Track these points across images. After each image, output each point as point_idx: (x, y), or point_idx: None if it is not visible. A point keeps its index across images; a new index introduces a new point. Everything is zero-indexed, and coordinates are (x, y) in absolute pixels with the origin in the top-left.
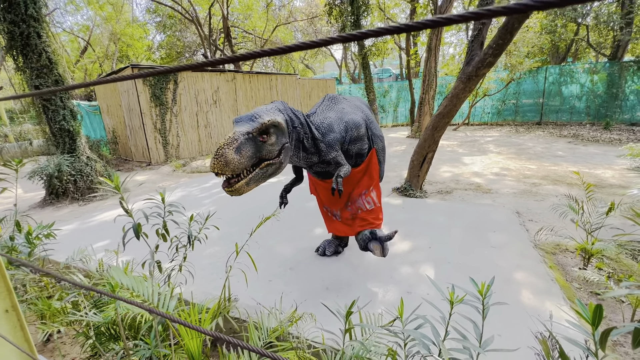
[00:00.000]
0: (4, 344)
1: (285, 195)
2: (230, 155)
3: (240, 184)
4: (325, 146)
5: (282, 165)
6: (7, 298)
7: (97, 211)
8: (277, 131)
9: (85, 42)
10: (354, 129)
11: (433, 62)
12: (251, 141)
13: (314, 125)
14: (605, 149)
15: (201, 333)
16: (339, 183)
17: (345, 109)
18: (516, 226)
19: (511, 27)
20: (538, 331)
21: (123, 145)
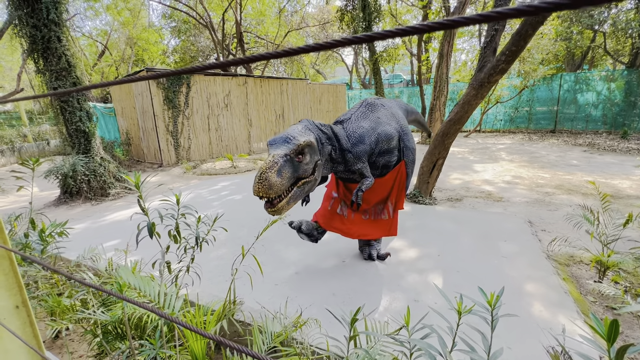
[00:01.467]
0: (13, 340)
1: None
2: (273, 178)
3: (282, 204)
4: (352, 157)
5: (316, 182)
6: (17, 294)
7: (108, 211)
8: (310, 150)
9: (103, 46)
10: (384, 142)
11: (445, 68)
12: (289, 162)
13: (345, 133)
14: (623, 158)
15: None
16: (359, 197)
17: (381, 119)
18: (528, 236)
19: (525, 34)
20: (550, 345)
21: (136, 146)
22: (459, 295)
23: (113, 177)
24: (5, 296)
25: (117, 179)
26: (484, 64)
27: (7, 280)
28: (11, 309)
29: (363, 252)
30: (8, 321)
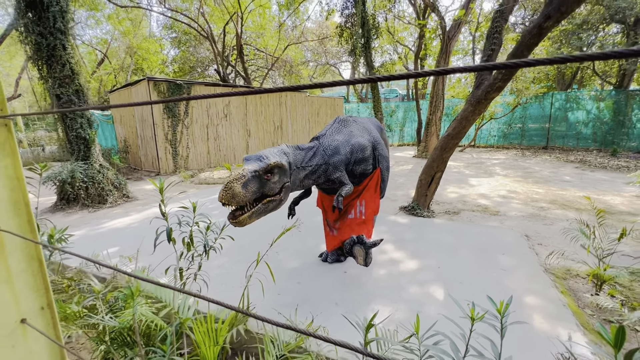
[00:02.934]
0: (37, 341)
1: (294, 207)
2: (237, 189)
3: (243, 217)
4: (331, 167)
5: (281, 202)
6: (44, 295)
7: (106, 218)
8: (280, 172)
9: (102, 54)
10: (359, 152)
11: (441, 84)
12: (257, 178)
13: (322, 147)
14: (613, 175)
15: (217, 343)
16: (340, 201)
17: (354, 132)
18: (525, 249)
19: (520, 55)
20: (558, 352)
21: (133, 154)
22: (471, 303)
23: (111, 185)
24: (32, 297)
25: (115, 187)
26: (481, 82)
27: (35, 281)
28: (37, 310)
29: (356, 257)
30: (33, 322)
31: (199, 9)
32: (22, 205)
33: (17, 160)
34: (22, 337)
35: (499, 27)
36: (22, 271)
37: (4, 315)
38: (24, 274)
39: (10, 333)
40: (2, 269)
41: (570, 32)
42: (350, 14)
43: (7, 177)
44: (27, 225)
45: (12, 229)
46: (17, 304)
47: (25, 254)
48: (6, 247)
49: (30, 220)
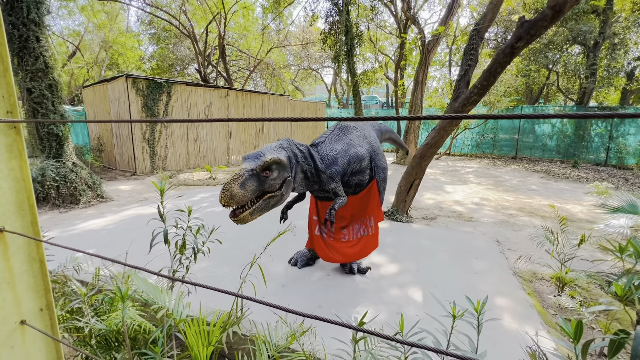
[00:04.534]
0: (35, 343)
1: (286, 211)
2: (235, 189)
3: (244, 214)
4: (326, 177)
5: (283, 197)
6: (44, 297)
7: (79, 219)
8: (279, 167)
9: (74, 47)
10: (356, 163)
11: (419, 93)
12: (255, 177)
13: (319, 156)
14: (574, 185)
15: (210, 344)
16: (332, 215)
17: (353, 141)
18: (496, 253)
19: (494, 71)
20: (527, 346)
21: (107, 153)
22: (452, 302)
23: (85, 184)
24: (32, 298)
25: (89, 186)
26: (459, 95)
27: (35, 282)
28: (36, 311)
29: (344, 266)
30: (33, 324)
31: (181, 7)
32: (27, 206)
33: (24, 163)
34: (21, 338)
35: (475, 44)
36: (23, 272)
37: (4, 317)
38: (25, 275)
39: (10, 334)
40: (5, 270)
41: (538, 51)
42: (334, 22)
43: (13, 179)
44: (30, 227)
45: (16, 230)
46: (17, 305)
47: (27, 255)
48: (9, 248)
49: (34, 222)
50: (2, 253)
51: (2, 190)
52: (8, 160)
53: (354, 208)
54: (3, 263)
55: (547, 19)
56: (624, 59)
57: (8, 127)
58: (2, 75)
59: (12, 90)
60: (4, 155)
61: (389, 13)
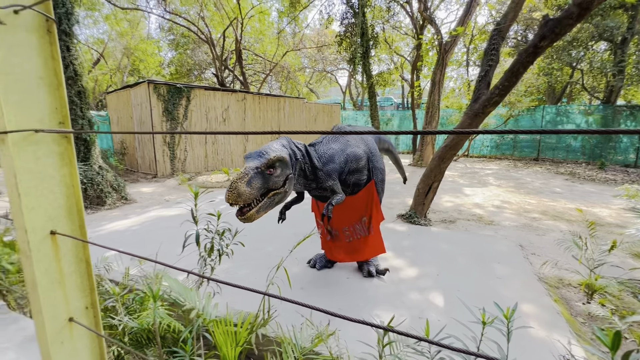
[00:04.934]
0: (82, 339)
1: (284, 212)
2: (242, 188)
3: (251, 212)
4: (323, 175)
5: (287, 194)
6: (89, 295)
7: (104, 220)
8: (281, 165)
9: (99, 54)
10: (353, 162)
11: (437, 94)
12: (260, 175)
13: (317, 154)
14: (601, 188)
15: (238, 344)
16: (329, 210)
17: (350, 142)
18: (520, 258)
19: (517, 71)
20: (560, 354)
21: (130, 156)
22: (482, 309)
23: (110, 186)
24: (79, 297)
25: (114, 188)
26: (479, 96)
27: (82, 282)
28: (82, 309)
29: (362, 270)
30: (78, 320)
31: (199, 13)
32: (76, 210)
33: (74, 169)
34: (69, 334)
35: (496, 44)
36: (72, 272)
37: (55, 314)
38: (73, 275)
39: (60, 330)
40: (56, 270)
41: (561, 48)
42: (350, 24)
43: (65, 185)
44: (79, 230)
45: (66, 233)
46: (66, 303)
47: (76, 256)
48: (61, 250)
49: (82, 225)
50: (54, 254)
51: (55, 195)
52: (60, 167)
53: (353, 208)
54: (55, 264)
55: (572, 16)
56: None
57: (61, 137)
58: (56, 88)
59: (65, 103)
60: (57, 163)
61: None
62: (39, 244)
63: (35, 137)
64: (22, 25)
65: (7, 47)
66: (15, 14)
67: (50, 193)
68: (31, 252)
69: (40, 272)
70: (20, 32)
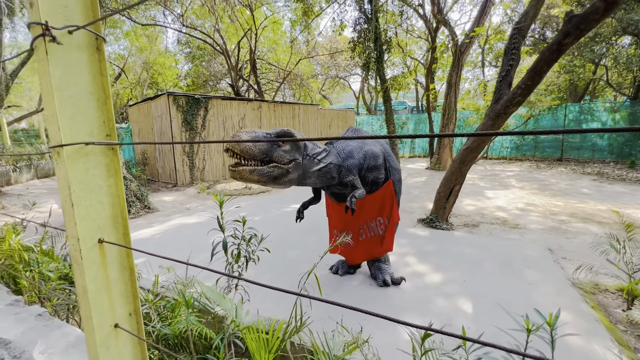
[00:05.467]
0: (126, 344)
1: (302, 210)
2: (244, 137)
3: (243, 169)
4: (344, 170)
5: (288, 175)
6: (132, 302)
7: (129, 229)
8: (292, 143)
9: (120, 69)
10: (371, 159)
11: (453, 96)
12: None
13: (335, 150)
14: (633, 188)
15: (270, 351)
16: (353, 202)
17: (366, 140)
18: (550, 263)
19: (540, 70)
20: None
21: (151, 166)
22: (525, 315)
23: (134, 196)
24: (123, 303)
25: (138, 198)
26: (500, 96)
27: (126, 289)
28: (126, 315)
29: (377, 278)
30: (123, 326)
31: (215, 26)
32: (121, 219)
33: (120, 180)
34: (115, 340)
35: (517, 43)
36: (117, 279)
37: (102, 320)
38: (118, 282)
39: (106, 336)
40: (103, 277)
41: (583, 45)
42: (363, 29)
43: (111, 194)
44: (123, 238)
45: (112, 240)
46: (112, 310)
47: (120, 264)
48: (107, 257)
49: (126, 233)
50: (101, 262)
51: (103, 205)
52: (107, 177)
53: (370, 207)
54: (102, 271)
55: (599, 11)
56: None
57: (108, 149)
58: (104, 102)
59: (112, 116)
60: (104, 174)
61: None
62: (88, 252)
63: (85, 150)
64: (75, 45)
65: (63, 66)
66: (69, 34)
67: (98, 203)
68: (82, 260)
69: (90, 279)
70: (74, 51)
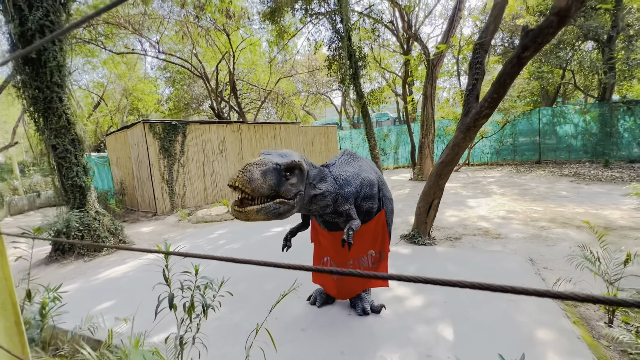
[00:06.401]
0: None
1: (290, 238)
2: (256, 174)
3: (251, 208)
4: (341, 198)
5: (293, 209)
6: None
7: (101, 267)
8: (299, 175)
9: (99, 97)
10: (368, 187)
11: (430, 108)
12: (277, 172)
13: (332, 176)
14: (609, 187)
15: None
16: (350, 236)
17: (363, 167)
18: (531, 275)
19: (504, 83)
20: None
21: (130, 195)
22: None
23: (107, 231)
24: None
25: (112, 232)
26: (469, 110)
27: None
28: None
29: (356, 307)
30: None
31: (192, 50)
32: (10, 306)
33: (5, 261)
34: None
35: (480, 57)
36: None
37: None
38: None
39: None
40: None
41: (548, 51)
42: (338, 47)
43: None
44: (14, 327)
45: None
46: None
47: None
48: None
49: (17, 322)
50: None
51: None
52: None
53: (361, 238)
54: None
55: (552, 25)
56: None
57: None
58: None
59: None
60: None
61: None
62: None
63: None
64: None
65: None
66: None
67: None
68: None
69: None
70: None
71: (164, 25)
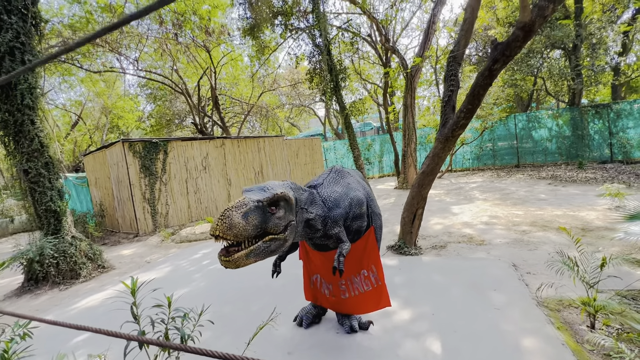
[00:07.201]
0: None
1: (279, 263)
2: (237, 219)
3: (239, 255)
4: (330, 221)
5: (286, 243)
6: None
7: (78, 296)
8: (286, 206)
9: (77, 116)
10: (357, 207)
11: (410, 117)
12: (260, 210)
13: (320, 198)
14: (584, 188)
15: None
16: (340, 262)
17: (351, 184)
18: (515, 281)
19: (477, 94)
20: None
21: (110, 217)
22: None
23: (85, 257)
24: None
25: (90, 258)
26: (446, 120)
27: None
28: None
29: (344, 325)
30: None
31: (172, 67)
32: None
33: None
34: None
35: (454, 70)
36: None
37: None
38: None
39: None
40: None
41: (520, 60)
42: (318, 61)
43: None
44: None
45: None
46: None
47: None
48: None
49: None
50: None
51: None
52: None
53: (352, 258)
54: None
55: (519, 39)
56: (605, 56)
57: None
58: None
59: None
60: None
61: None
62: None
63: None
64: None
65: None
66: None
67: None
68: None
69: None
70: None
71: (142, 42)
